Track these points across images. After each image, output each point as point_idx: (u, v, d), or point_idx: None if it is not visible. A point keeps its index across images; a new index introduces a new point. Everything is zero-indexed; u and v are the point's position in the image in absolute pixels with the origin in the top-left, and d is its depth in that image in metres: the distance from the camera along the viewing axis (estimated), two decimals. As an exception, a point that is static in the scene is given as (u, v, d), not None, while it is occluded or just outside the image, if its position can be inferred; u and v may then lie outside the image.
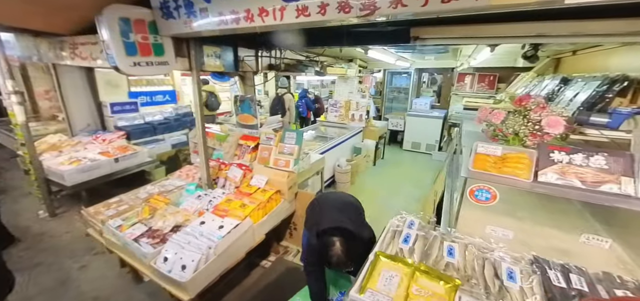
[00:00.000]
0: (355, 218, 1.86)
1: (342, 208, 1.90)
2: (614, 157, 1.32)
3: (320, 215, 1.87)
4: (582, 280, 1.16)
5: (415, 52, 5.99)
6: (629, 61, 1.94)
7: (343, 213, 1.83)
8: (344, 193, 2.37)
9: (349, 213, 1.87)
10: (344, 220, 1.73)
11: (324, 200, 2.07)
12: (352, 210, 1.94)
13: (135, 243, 1.86)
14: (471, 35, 1.70)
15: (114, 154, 3.51)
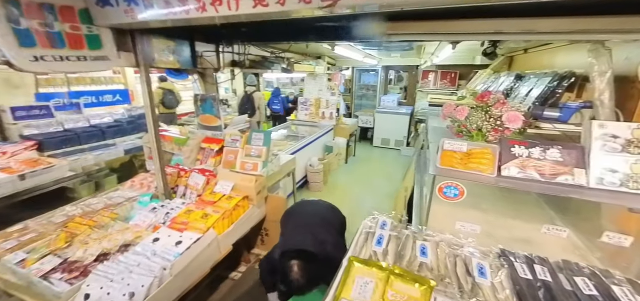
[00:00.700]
0: (324, 236, 1.73)
1: (309, 225, 1.80)
2: (567, 149, 1.39)
3: (285, 233, 1.77)
4: (546, 269, 1.20)
5: (381, 50, 6.09)
6: (574, 58, 2.10)
7: (308, 230, 1.72)
8: (321, 203, 2.16)
9: (317, 230, 1.76)
10: (306, 240, 1.64)
11: (291, 214, 1.96)
12: (324, 226, 1.83)
13: (44, 281, 1.47)
14: (435, 32, 1.70)
15: (19, 170, 2.76)
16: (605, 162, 1.30)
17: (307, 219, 1.85)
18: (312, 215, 1.91)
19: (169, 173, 2.51)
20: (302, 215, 1.93)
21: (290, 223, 1.87)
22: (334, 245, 1.71)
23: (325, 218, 1.92)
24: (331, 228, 1.88)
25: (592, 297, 1.05)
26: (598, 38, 1.50)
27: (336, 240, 1.81)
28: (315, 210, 1.98)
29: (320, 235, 1.73)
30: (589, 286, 1.09)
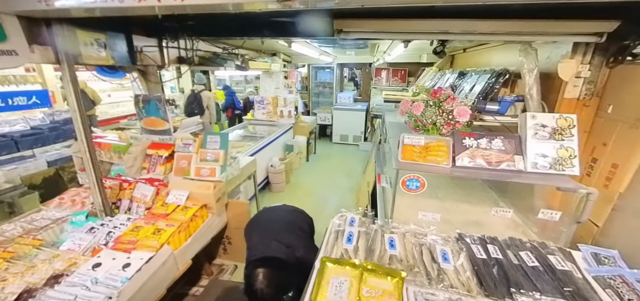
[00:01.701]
0: (291, 240, 1.65)
1: (272, 231, 1.71)
2: (508, 139, 1.56)
3: (249, 246, 1.66)
4: (496, 248, 1.33)
5: (336, 47, 6.19)
6: (507, 57, 2.38)
7: (272, 237, 1.63)
8: (283, 207, 2.05)
9: (282, 235, 1.68)
10: (270, 246, 1.55)
11: (253, 225, 1.83)
12: (289, 230, 1.75)
13: None
14: (388, 30, 1.76)
15: None
16: (537, 148, 1.49)
17: (270, 226, 1.75)
18: (274, 221, 1.81)
19: (108, 186, 2.19)
20: (263, 224, 1.82)
21: (254, 235, 1.75)
22: (305, 248, 1.64)
23: (290, 222, 1.85)
24: (298, 230, 1.82)
25: (535, 268, 1.20)
26: (526, 39, 1.71)
27: (306, 242, 1.75)
28: (278, 216, 1.88)
29: (286, 239, 1.65)
30: (531, 258, 1.24)
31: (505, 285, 1.11)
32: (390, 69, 6.41)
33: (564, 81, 1.70)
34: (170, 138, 2.69)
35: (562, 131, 1.48)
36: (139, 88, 2.89)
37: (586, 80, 1.69)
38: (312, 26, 2.14)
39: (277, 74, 5.86)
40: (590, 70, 1.67)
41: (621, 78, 1.56)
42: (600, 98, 1.68)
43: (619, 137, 1.49)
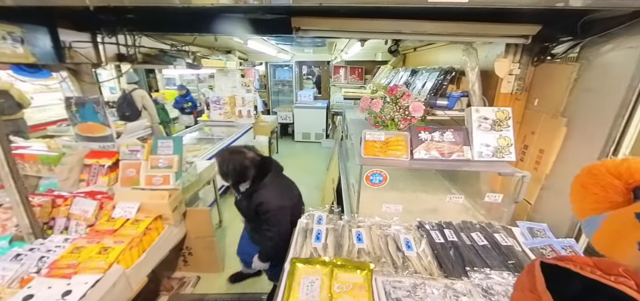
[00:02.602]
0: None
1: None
2: (457, 131, 1.71)
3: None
4: (452, 231, 1.46)
5: (294, 45, 6.14)
6: (452, 56, 2.60)
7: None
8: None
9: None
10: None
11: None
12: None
13: None
14: (345, 29, 1.81)
15: None
16: (481, 139, 1.66)
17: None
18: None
19: (36, 204, 1.87)
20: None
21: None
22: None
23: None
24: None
25: (484, 246, 1.34)
26: (467, 40, 1.89)
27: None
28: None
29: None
30: (481, 238, 1.39)
31: (461, 265, 1.22)
32: (348, 66, 6.58)
33: (500, 78, 1.91)
34: (114, 145, 2.41)
35: (500, 122, 1.68)
36: (71, 90, 2.52)
37: (517, 77, 1.93)
38: (269, 23, 2.09)
39: (233, 72, 5.59)
40: (520, 68, 1.90)
41: (543, 75, 1.81)
42: (528, 93, 1.93)
43: (544, 126, 1.73)
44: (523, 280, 0.40)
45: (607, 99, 1.38)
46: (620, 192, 0.30)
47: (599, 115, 1.41)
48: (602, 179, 0.30)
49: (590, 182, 0.31)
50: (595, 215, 0.31)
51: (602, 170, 0.31)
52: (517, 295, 0.40)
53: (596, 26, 1.46)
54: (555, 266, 0.39)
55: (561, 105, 1.64)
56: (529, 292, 0.38)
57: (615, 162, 0.31)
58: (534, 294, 0.37)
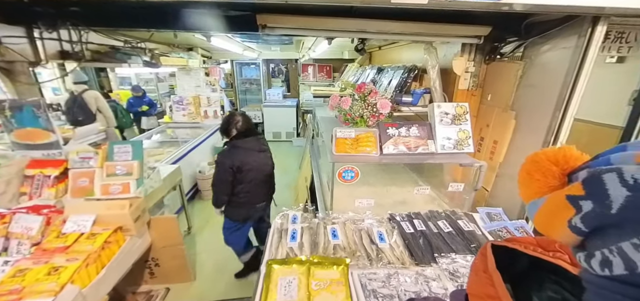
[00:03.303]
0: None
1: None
2: (422, 126, 1.82)
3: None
4: (420, 221, 1.55)
5: (260, 43, 6.01)
6: (414, 54, 2.74)
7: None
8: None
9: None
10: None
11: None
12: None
13: None
14: (312, 27, 1.82)
15: None
16: (443, 133, 1.78)
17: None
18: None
19: (-36, 225, 1.62)
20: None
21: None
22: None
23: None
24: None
25: (449, 233, 1.44)
26: (427, 39, 2.00)
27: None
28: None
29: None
30: (446, 225, 1.49)
31: (430, 252, 1.30)
32: (316, 65, 6.60)
33: (458, 75, 2.06)
34: (61, 152, 2.17)
35: (459, 117, 1.81)
36: (3, 92, 2.21)
37: (472, 74, 2.09)
38: (234, 20, 2.02)
39: (196, 70, 5.32)
40: (474, 66, 2.07)
41: (494, 73, 1.99)
42: (482, 89, 2.10)
43: (497, 119, 1.90)
44: (477, 262, 0.43)
45: (547, 94, 1.55)
46: (557, 176, 0.34)
47: (540, 109, 1.59)
48: (542, 166, 0.35)
49: (533, 169, 0.36)
50: (537, 198, 0.35)
51: (542, 158, 0.36)
52: (472, 277, 0.43)
53: (536, 28, 1.63)
54: (504, 248, 0.43)
55: (510, 99, 1.82)
56: (483, 273, 0.41)
57: (554, 149, 0.36)
58: (487, 274, 0.40)
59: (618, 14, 1.22)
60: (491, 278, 0.39)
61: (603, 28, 1.30)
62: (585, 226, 0.30)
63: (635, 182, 0.26)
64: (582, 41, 1.36)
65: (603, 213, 0.28)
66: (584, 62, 1.35)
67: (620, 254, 0.27)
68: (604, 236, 0.28)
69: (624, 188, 0.26)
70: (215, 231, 3.10)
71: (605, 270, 0.28)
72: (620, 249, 0.27)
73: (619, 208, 0.26)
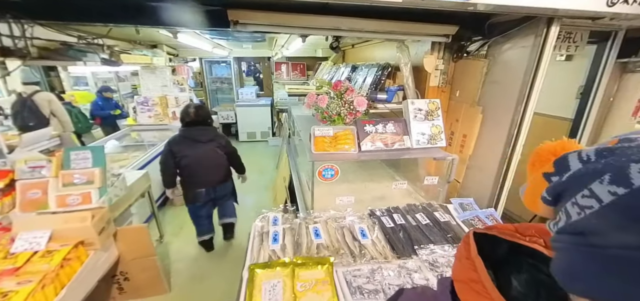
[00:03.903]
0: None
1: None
2: (397, 122, 1.86)
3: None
4: (399, 215, 1.59)
5: (231, 40, 5.80)
6: (386, 52, 2.81)
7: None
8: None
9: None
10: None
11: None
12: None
13: None
14: (285, 24, 1.79)
15: None
16: (418, 128, 1.84)
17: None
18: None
19: None
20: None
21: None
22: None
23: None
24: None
25: (427, 225, 1.50)
26: (400, 37, 2.06)
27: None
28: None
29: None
30: (424, 218, 1.55)
31: (410, 245, 1.34)
32: (289, 63, 6.53)
33: (429, 73, 2.15)
34: (4, 162, 1.93)
35: (432, 113, 1.88)
36: None
37: (441, 71, 2.19)
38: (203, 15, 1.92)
39: (162, 69, 5.00)
40: (443, 64, 2.17)
41: (462, 70, 2.10)
42: (451, 86, 2.21)
43: (465, 114, 2.01)
44: (460, 249, 0.45)
45: (509, 90, 1.67)
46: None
47: (504, 104, 1.70)
48: (542, 156, 0.39)
49: (536, 160, 0.40)
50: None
51: (544, 149, 0.39)
52: (456, 263, 0.45)
53: (498, 28, 1.75)
54: (485, 235, 0.45)
55: (477, 95, 1.93)
56: (466, 259, 0.43)
57: (554, 143, 0.39)
58: (469, 260, 0.42)
59: (569, 16, 1.34)
60: (473, 264, 0.41)
61: (556, 28, 1.42)
62: (549, 195, 0.36)
63: (588, 159, 0.32)
64: (538, 40, 1.48)
65: (559, 181, 0.34)
66: (541, 60, 1.47)
67: (565, 212, 0.32)
68: (560, 202, 0.34)
69: (579, 163, 0.32)
70: (190, 238, 2.96)
71: (555, 227, 0.34)
72: (564, 209, 0.32)
73: (568, 175, 0.33)
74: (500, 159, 1.69)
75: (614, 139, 0.32)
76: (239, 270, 1.33)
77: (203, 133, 2.57)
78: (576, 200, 0.31)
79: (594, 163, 0.31)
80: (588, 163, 0.31)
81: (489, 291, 0.37)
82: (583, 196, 0.30)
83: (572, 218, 0.31)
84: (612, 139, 0.32)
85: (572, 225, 0.31)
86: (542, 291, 0.41)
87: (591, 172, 0.30)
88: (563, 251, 0.32)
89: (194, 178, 2.58)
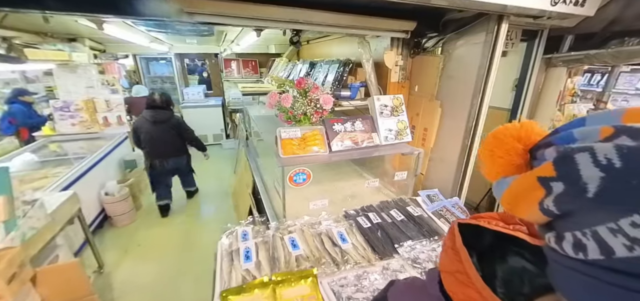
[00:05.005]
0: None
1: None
2: (365, 120, 1.85)
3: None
4: (375, 214, 1.58)
5: (172, 33, 5.19)
6: (345, 49, 2.80)
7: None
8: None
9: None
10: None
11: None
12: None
13: None
14: (240, 15, 1.62)
15: None
16: (385, 124, 1.85)
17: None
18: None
19: None
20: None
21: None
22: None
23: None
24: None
25: (402, 220, 1.51)
26: (360, 32, 2.03)
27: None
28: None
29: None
30: (398, 214, 1.56)
31: (390, 244, 1.33)
32: (240, 60, 6.16)
33: (389, 68, 2.18)
34: None
35: (396, 108, 1.91)
36: None
37: (401, 67, 2.25)
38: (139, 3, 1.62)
39: (85, 67, 4.23)
40: (403, 60, 2.22)
41: (420, 66, 2.18)
42: (410, 81, 2.28)
43: (425, 108, 2.10)
44: (446, 241, 0.46)
45: (464, 84, 1.77)
46: (520, 154, 0.35)
47: (460, 97, 1.81)
48: (505, 143, 0.35)
49: (496, 146, 0.37)
50: (504, 177, 0.36)
51: (506, 134, 0.36)
52: (442, 255, 0.46)
53: (452, 25, 1.84)
54: (469, 225, 0.45)
55: (434, 90, 2.02)
56: (451, 250, 0.43)
57: (515, 125, 0.37)
58: (454, 251, 0.42)
59: (516, 13, 1.46)
60: (459, 255, 0.41)
61: (506, 26, 1.54)
62: (557, 209, 0.29)
63: (608, 162, 0.24)
64: (490, 37, 1.59)
65: (577, 196, 0.26)
66: (494, 55, 1.58)
67: (595, 238, 0.26)
68: (576, 219, 0.27)
69: (596, 169, 0.25)
70: (140, 260, 2.58)
71: (580, 254, 0.27)
72: (595, 233, 0.26)
73: (595, 192, 0.25)
74: (461, 150, 1.80)
75: (606, 127, 0.27)
76: (206, 292, 1.16)
77: (160, 115, 3.25)
78: (620, 226, 0.24)
79: (626, 171, 0.23)
80: (614, 170, 0.24)
81: (473, 281, 0.37)
82: (634, 224, 0.23)
83: (617, 253, 0.24)
84: (603, 127, 0.27)
85: (621, 262, 0.24)
86: (526, 279, 0.41)
87: (635, 188, 0.23)
88: (593, 287, 0.27)
89: (150, 150, 3.28)
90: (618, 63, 2.09)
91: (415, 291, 0.51)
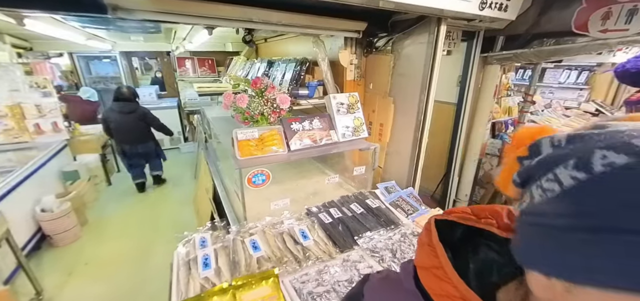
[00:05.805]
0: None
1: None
2: (323, 118, 1.89)
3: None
4: (336, 209, 1.63)
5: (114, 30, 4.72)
6: (301, 48, 2.82)
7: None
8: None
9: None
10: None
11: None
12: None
13: None
14: (184, 12, 1.54)
15: None
16: (342, 122, 1.91)
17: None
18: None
19: None
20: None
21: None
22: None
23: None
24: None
25: (362, 213, 1.58)
26: (314, 32, 2.06)
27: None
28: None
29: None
30: (358, 207, 1.63)
31: (350, 236, 1.39)
32: (195, 58, 5.84)
33: (345, 67, 2.25)
34: None
35: (352, 106, 1.98)
36: None
37: (356, 66, 2.33)
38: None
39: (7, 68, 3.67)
40: (357, 59, 2.31)
41: (373, 64, 2.28)
42: (364, 79, 2.38)
43: (380, 104, 2.20)
44: (422, 236, 0.46)
45: (413, 81, 1.90)
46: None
47: (410, 94, 1.93)
48: (524, 142, 0.40)
49: (517, 145, 0.41)
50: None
51: (525, 134, 0.41)
52: (418, 251, 0.46)
53: (399, 26, 1.95)
54: (444, 220, 0.47)
55: (387, 87, 2.14)
56: (427, 246, 0.44)
57: (535, 127, 0.41)
58: (431, 247, 0.43)
59: (452, 16, 1.61)
60: (435, 250, 0.42)
61: (445, 27, 1.68)
62: (519, 177, 0.37)
63: (559, 143, 0.33)
64: (432, 38, 1.72)
65: (530, 165, 0.35)
66: (436, 54, 1.72)
67: (529, 195, 0.34)
68: (528, 185, 0.35)
69: (550, 148, 0.33)
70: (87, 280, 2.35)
71: (519, 208, 0.36)
72: (530, 191, 0.34)
73: (538, 159, 0.34)
74: (413, 143, 1.93)
75: (588, 125, 0.34)
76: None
77: (126, 107, 3.66)
78: (541, 183, 0.32)
79: (563, 148, 0.32)
80: (558, 148, 0.32)
81: (449, 276, 0.39)
82: (547, 179, 0.31)
83: (535, 200, 0.32)
84: (587, 125, 0.34)
85: (534, 206, 0.33)
86: (495, 268, 0.45)
87: (558, 157, 0.31)
88: (523, 230, 0.35)
89: (119, 138, 3.80)
90: (540, 60, 2.39)
91: (391, 285, 0.50)
